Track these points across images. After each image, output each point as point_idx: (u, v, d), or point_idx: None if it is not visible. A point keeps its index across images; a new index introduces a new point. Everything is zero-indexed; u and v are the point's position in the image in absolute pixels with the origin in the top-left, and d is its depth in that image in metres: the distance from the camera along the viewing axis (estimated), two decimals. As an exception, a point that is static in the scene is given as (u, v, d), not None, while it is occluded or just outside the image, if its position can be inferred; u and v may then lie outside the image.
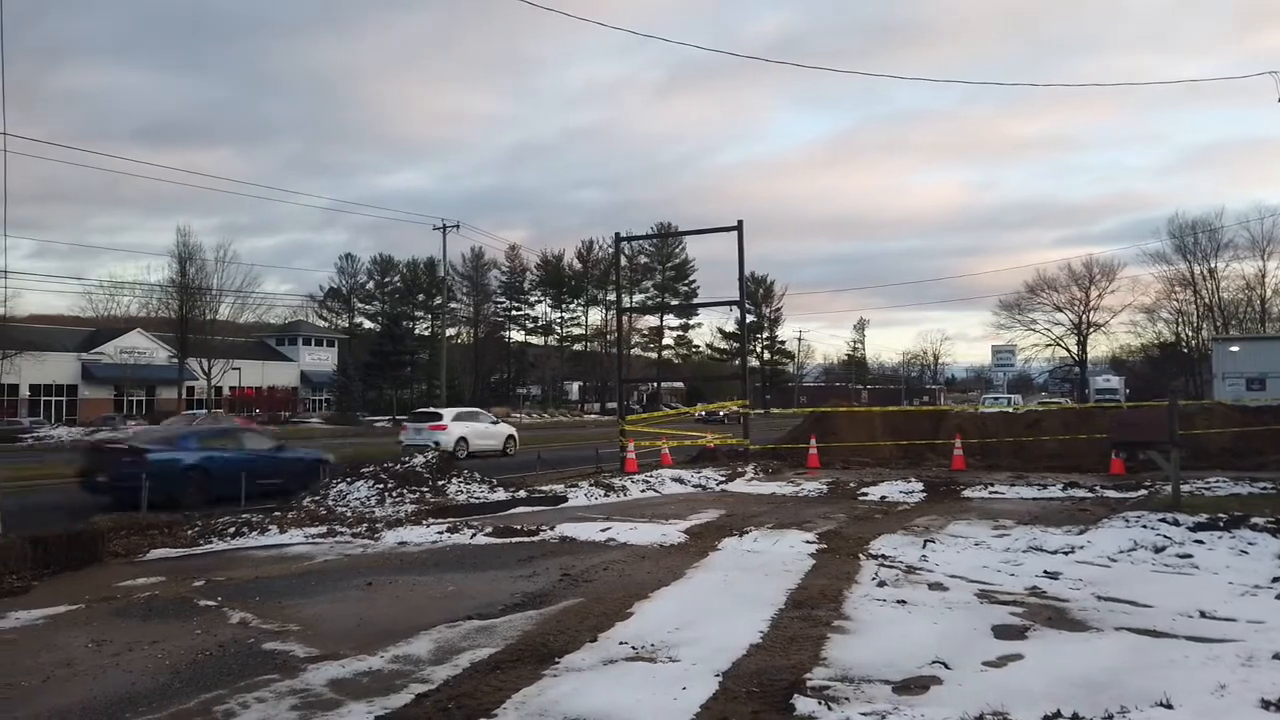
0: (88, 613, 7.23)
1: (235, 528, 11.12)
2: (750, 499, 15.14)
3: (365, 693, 5.13)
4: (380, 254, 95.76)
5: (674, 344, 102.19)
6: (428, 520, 12.01)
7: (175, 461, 14.42)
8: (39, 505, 13.71)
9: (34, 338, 50.56)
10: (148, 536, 10.59)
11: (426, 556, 9.74)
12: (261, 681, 5.34)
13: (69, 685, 5.38)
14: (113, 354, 59.22)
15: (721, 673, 5.38)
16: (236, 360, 60.14)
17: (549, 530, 11.28)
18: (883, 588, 7.74)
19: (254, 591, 7.93)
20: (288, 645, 6.16)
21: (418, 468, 14.81)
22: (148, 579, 8.57)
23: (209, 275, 56.83)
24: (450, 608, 7.23)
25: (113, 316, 65.51)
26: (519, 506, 13.90)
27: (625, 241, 31.52)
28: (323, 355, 76.74)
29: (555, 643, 6.09)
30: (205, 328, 56.27)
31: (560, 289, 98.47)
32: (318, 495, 13.82)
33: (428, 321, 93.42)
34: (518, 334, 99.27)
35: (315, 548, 10.34)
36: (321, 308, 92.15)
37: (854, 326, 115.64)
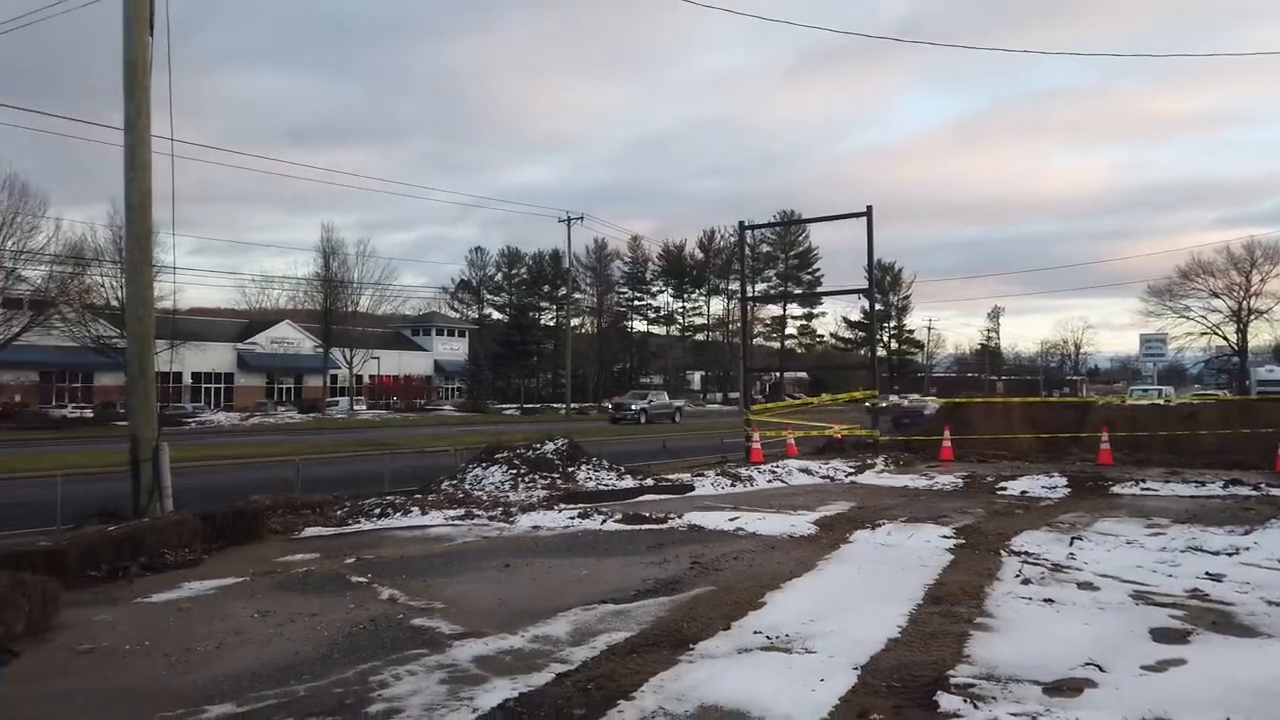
0: (252, 585, 7.75)
1: (380, 509, 11.68)
2: (881, 491, 14.80)
3: (508, 670, 5.31)
4: (508, 247, 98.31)
5: (797, 333, 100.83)
6: (559, 505, 12.30)
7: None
8: (206, 486, 14.76)
9: (195, 329, 54.38)
10: (301, 515, 11.26)
11: (559, 541, 9.97)
12: (412, 655, 5.61)
13: (239, 652, 5.79)
14: (264, 344, 63.05)
15: (860, 666, 5.30)
16: (375, 350, 63.02)
17: (677, 518, 11.35)
18: (1027, 585, 7.44)
19: (400, 570, 8.32)
20: (434, 622, 6.44)
21: (548, 454, 15.18)
22: (304, 555, 9.12)
23: (350, 269, 59.88)
24: (585, 591, 7.39)
25: (264, 309, 69.80)
26: (646, 494, 14.04)
27: (748, 230, 31.19)
28: (454, 345, 79.46)
29: (689, 629, 6.14)
30: (347, 319, 59.19)
31: (682, 279, 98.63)
32: (455, 479, 14.36)
33: (553, 312, 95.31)
34: (640, 324, 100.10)
35: (455, 529, 10.75)
36: (453, 299, 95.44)
37: (987, 315, 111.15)
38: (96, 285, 45.42)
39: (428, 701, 4.76)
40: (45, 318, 42.55)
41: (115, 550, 8.26)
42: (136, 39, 10.65)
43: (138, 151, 10.70)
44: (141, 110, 10.68)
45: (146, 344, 11.11)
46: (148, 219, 10.91)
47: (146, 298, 11.18)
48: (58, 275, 43.91)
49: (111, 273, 44.04)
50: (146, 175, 10.78)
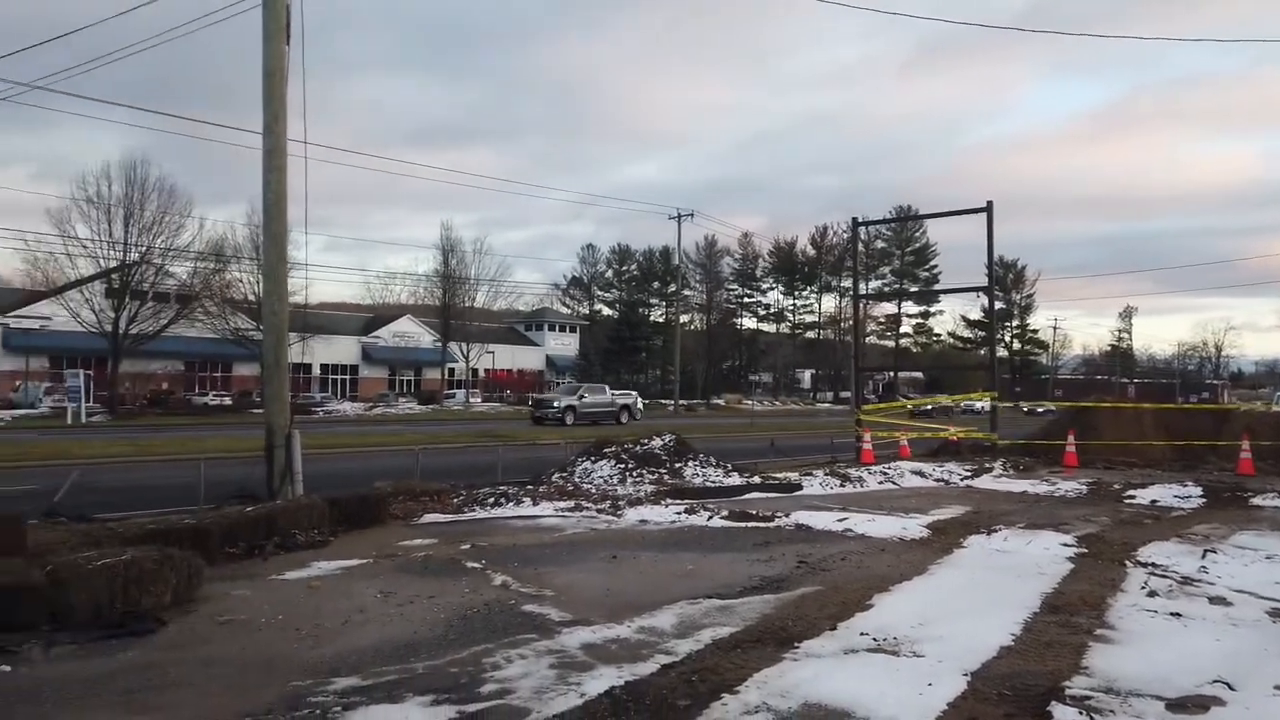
0: (375, 567, 8.15)
1: (494, 498, 12.06)
2: (999, 496, 14.33)
3: (614, 658, 5.43)
4: (619, 243, 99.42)
5: (912, 332, 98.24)
6: (666, 500, 12.42)
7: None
8: (332, 472, 15.54)
9: (323, 323, 57.09)
10: (420, 502, 11.74)
11: (666, 535, 10.08)
12: (523, 640, 5.81)
13: (363, 629, 6.12)
14: (387, 338, 65.69)
15: (970, 672, 5.19)
16: (490, 345, 64.75)
17: (784, 517, 11.30)
18: (1153, 598, 7.11)
19: (513, 557, 8.59)
20: (544, 609, 6.64)
21: (656, 450, 15.33)
22: (422, 540, 9.52)
23: (467, 266, 61.69)
24: (690, 586, 7.46)
25: (386, 304, 72.62)
26: (753, 492, 14.02)
27: (862, 226, 30.60)
28: (565, 340, 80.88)
29: (794, 628, 6.13)
30: (464, 314, 61.04)
31: (793, 276, 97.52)
32: (565, 471, 14.67)
33: (662, 309, 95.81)
34: (749, 321, 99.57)
35: (564, 520, 11.00)
36: (565, 295, 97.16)
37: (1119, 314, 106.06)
38: (236, 281, 48.31)
39: (537, 685, 4.92)
40: (190, 311, 45.49)
41: (252, 530, 8.82)
42: (274, 50, 11.30)
43: (274, 155, 11.36)
44: (278, 116, 11.33)
45: (281, 337, 11.79)
46: (283, 218, 11.56)
47: (281, 293, 11.86)
48: (201, 271, 46.91)
49: (249, 269, 46.76)
50: (282, 177, 11.43)
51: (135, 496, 12.87)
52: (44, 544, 7.46)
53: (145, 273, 43.40)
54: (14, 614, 5.78)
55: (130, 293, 42.57)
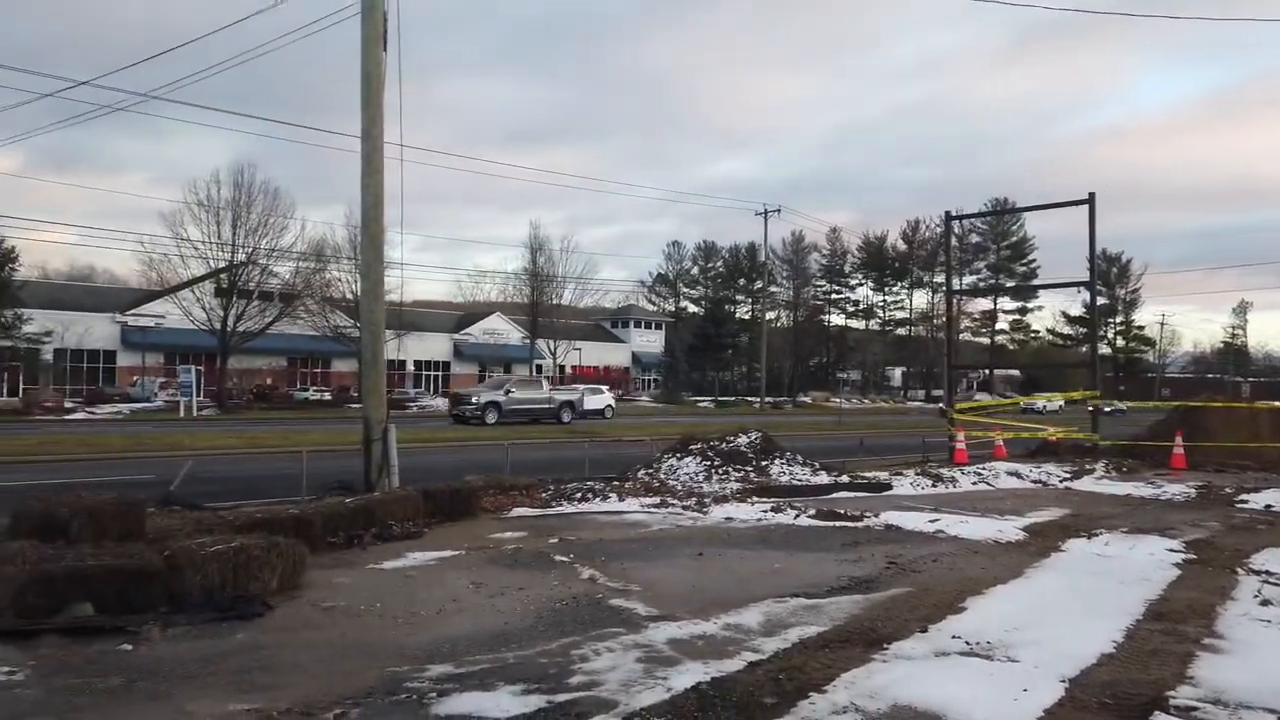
0: (467, 558, 8.37)
1: (581, 494, 12.23)
2: (1100, 499, 13.81)
3: (701, 654, 5.46)
4: (704, 240, 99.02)
5: (1009, 329, 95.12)
6: (752, 498, 12.38)
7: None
8: (426, 465, 15.99)
9: (417, 320, 58.58)
10: (510, 496, 11.98)
11: (752, 533, 10.06)
12: (610, 633, 5.89)
13: (456, 618, 6.30)
14: (477, 335, 67.05)
15: (1067, 679, 5.05)
16: (577, 341, 65.44)
17: (873, 517, 11.14)
18: (1267, 607, 6.76)
19: (599, 552, 8.70)
20: (630, 603, 6.71)
21: (742, 448, 15.28)
22: (512, 533, 9.72)
23: (555, 264, 62.46)
24: (777, 584, 7.44)
25: (476, 301, 74.07)
26: (841, 491, 13.85)
27: (955, 220, 29.83)
28: (651, 337, 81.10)
29: (884, 629, 6.06)
30: (551, 311, 61.84)
31: (883, 271, 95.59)
32: (651, 468, 14.76)
33: (748, 305, 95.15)
34: (838, 318, 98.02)
35: (650, 517, 11.08)
36: (650, 292, 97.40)
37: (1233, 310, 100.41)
38: (335, 280, 49.99)
39: (625, 678, 4.99)
40: (292, 309, 47.31)
41: (351, 520, 9.16)
42: (372, 56, 11.68)
43: (372, 158, 11.75)
44: (376, 120, 11.71)
45: (378, 334, 12.19)
46: (380, 219, 11.95)
47: (378, 292, 12.26)
48: (303, 271, 48.72)
49: (347, 268, 48.34)
50: (380, 180, 11.81)
51: (242, 486, 13.50)
52: (161, 530, 7.91)
53: (251, 273, 45.35)
54: (135, 595, 6.15)
55: (237, 292, 44.56)
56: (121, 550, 6.60)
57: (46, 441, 21.93)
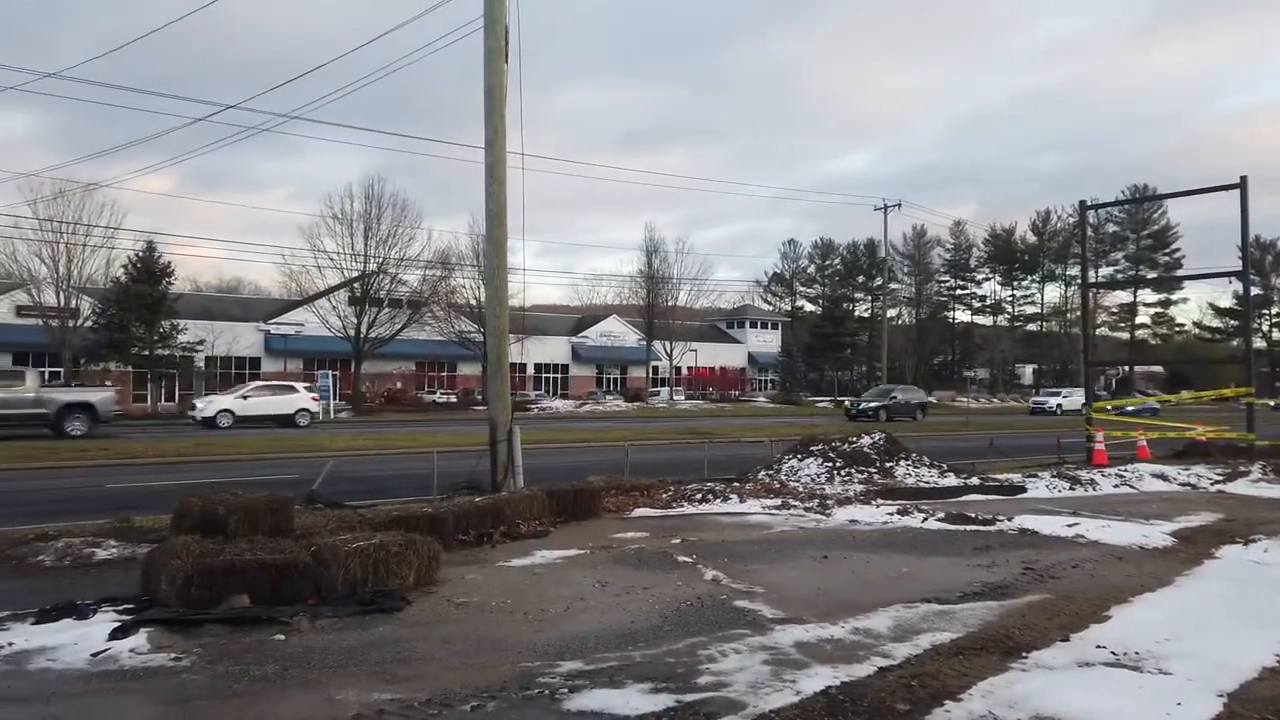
0: (592, 557, 8.51)
1: (701, 495, 12.25)
2: (1258, 503, 12.88)
3: (829, 658, 5.39)
4: (821, 238, 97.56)
5: (1150, 322, 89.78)
6: (876, 501, 12.12)
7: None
8: (548, 466, 16.35)
9: (537, 324, 59.98)
10: (631, 497, 12.11)
11: (877, 536, 9.85)
12: (735, 635, 5.88)
13: (583, 616, 6.42)
14: (594, 337, 68.05)
15: (1225, 694, 4.74)
16: (693, 343, 65.53)
17: (1006, 520, 10.72)
18: None
19: (722, 553, 8.70)
20: (755, 605, 6.69)
21: (865, 448, 14.97)
22: (635, 533, 9.83)
23: (670, 265, 62.76)
24: (905, 588, 7.26)
25: (593, 305, 75.29)
26: (971, 494, 13.39)
27: (1091, 209, 28.36)
28: (767, 337, 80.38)
29: (1021, 637, 5.83)
30: (667, 313, 62.15)
31: (1011, 265, 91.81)
32: (771, 469, 14.64)
33: (868, 303, 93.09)
34: (963, 314, 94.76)
35: (772, 518, 11.00)
36: (766, 292, 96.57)
37: None
38: (459, 286, 51.73)
39: (752, 680, 4.98)
40: (420, 316, 49.22)
41: (481, 519, 9.46)
42: (494, 69, 12.03)
43: (495, 168, 12.10)
44: (499, 131, 12.06)
45: (502, 338, 12.54)
46: (504, 227, 12.29)
47: (502, 297, 12.61)
48: (429, 279, 50.61)
49: (471, 275, 49.94)
50: (503, 188, 12.16)
51: (377, 485, 14.14)
52: (307, 527, 8.38)
53: (382, 281, 47.40)
54: (285, 588, 6.53)
55: (369, 300, 46.65)
56: (272, 545, 7.03)
57: (201, 443, 23.53)
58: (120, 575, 7.67)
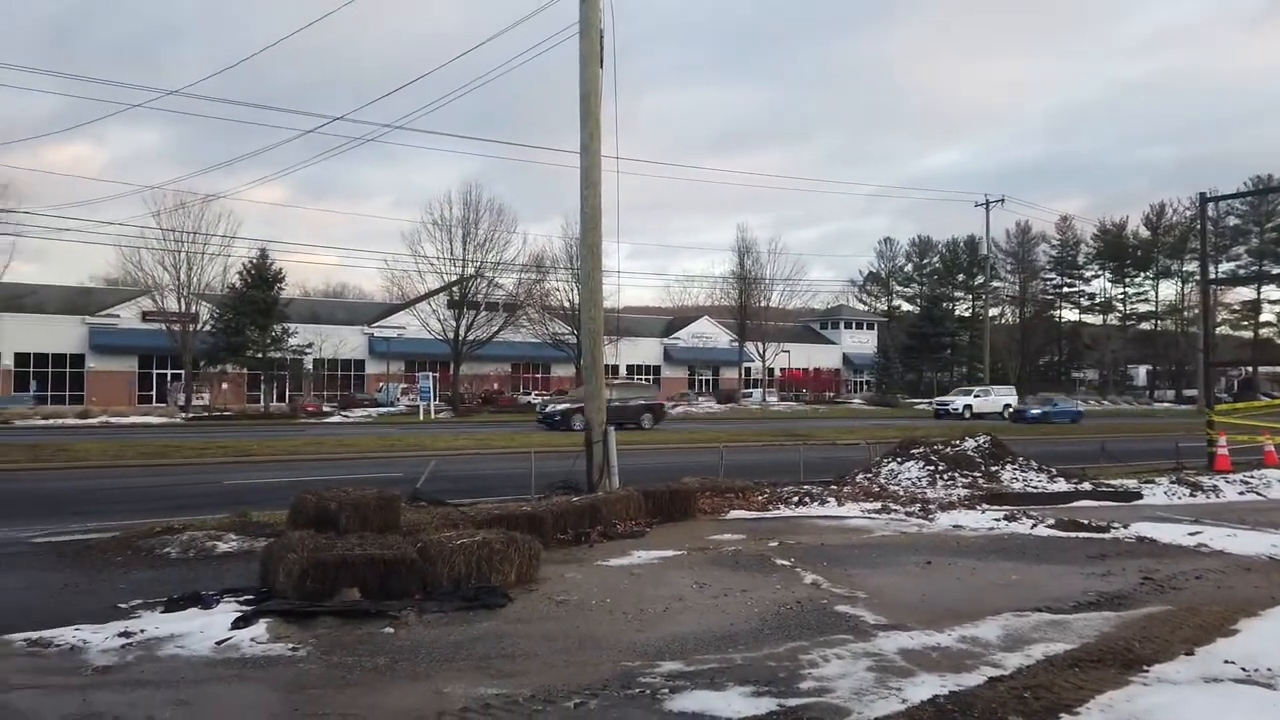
0: (689, 558, 8.51)
1: (798, 497, 12.10)
2: (1402, 514, 11.97)
3: (935, 666, 5.25)
4: (918, 236, 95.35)
5: (1276, 320, 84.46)
6: (981, 505, 11.76)
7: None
8: (641, 466, 16.40)
9: (629, 325, 60.26)
10: (726, 498, 12.06)
11: (984, 542, 9.55)
12: (837, 640, 5.79)
13: (683, 616, 6.42)
14: (686, 339, 68.00)
15: (1373, 718, 4.42)
16: (786, 344, 64.84)
17: (1121, 528, 10.26)
18: None
19: (821, 557, 8.57)
20: (857, 610, 6.57)
21: (969, 452, 14.55)
22: (731, 535, 9.78)
23: (762, 266, 62.22)
24: (1015, 597, 7.02)
25: (685, 306, 75.23)
26: (1082, 499, 12.87)
27: (1212, 201, 26.90)
28: (862, 338, 78.87)
29: (1141, 649, 5.56)
30: (759, 314, 61.64)
31: (1122, 261, 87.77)
32: (869, 472, 14.36)
33: (968, 302, 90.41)
34: (1070, 312, 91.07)
35: (872, 522, 10.79)
36: (861, 292, 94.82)
37: None
38: (554, 289, 52.43)
39: (856, 686, 4.89)
40: (515, 318, 50.11)
41: (578, 518, 9.57)
42: (589, 74, 12.16)
43: (590, 172, 12.22)
44: (594, 136, 12.18)
45: (597, 340, 12.65)
46: (598, 230, 12.40)
47: (597, 299, 12.73)
48: (524, 282, 51.46)
49: (565, 278, 50.57)
50: (597, 192, 12.27)
51: (477, 484, 14.46)
52: (412, 523, 8.63)
53: (479, 285, 48.44)
54: (393, 583, 6.73)
55: (467, 303, 47.74)
56: (381, 541, 7.26)
57: (311, 442, 24.50)
58: (240, 567, 8.05)
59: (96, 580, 7.66)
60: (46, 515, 11.47)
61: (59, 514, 11.63)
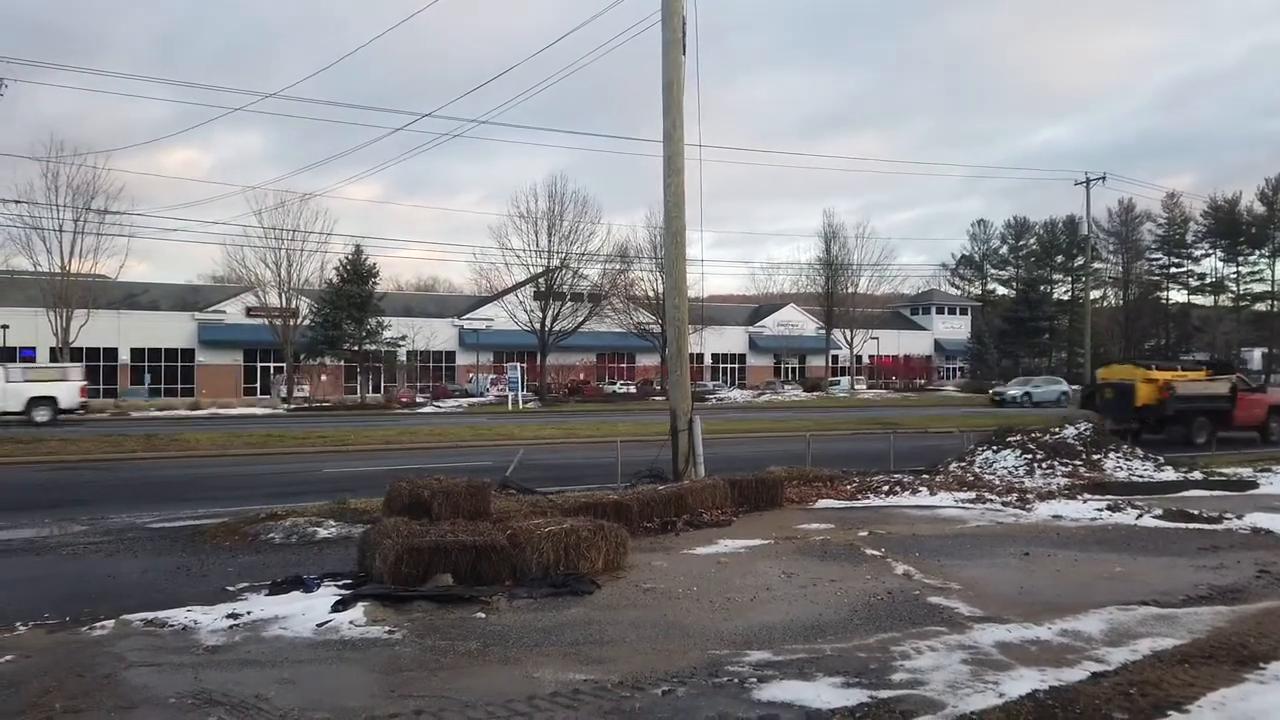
0: (776, 548, 8.44)
1: (888, 486, 11.87)
2: None
3: (1034, 660, 5.09)
4: (1015, 217, 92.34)
5: None
6: (1082, 495, 11.34)
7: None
8: (727, 455, 16.34)
9: (713, 314, 59.96)
10: (814, 487, 11.91)
11: (1085, 533, 9.19)
12: (930, 632, 5.66)
13: (770, 606, 6.37)
14: (771, 327, 67.37)
15: None
16: (874, 330, 63.55)
17: (1235, 519, 9.74)
18: None
19: (913, 547, 8.39)
20: (951, 602, 6.40)
21: (1069, 440, 14.03)
22: (819, 525, 9.66)
23: (850, 252, 61.11)
24: (1119, 589, 6.74)
25: (770, 294, 74.45)
26: (1192, 489, 12.27)
27: (1336, 172, 25.19)
28: (955, 323, 76.75)
29: (1257, 646, 5.27)
30: (847, 300, 60.58)
31: (1235, 239, 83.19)
32: (963, 461, 13.99)
33: (1067, 285, 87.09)
34: (1178, 294, 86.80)
35: (966, 512, 10.50)
36: (954, 276, 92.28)
37: None
38: (638, 279, 52.62)
39: (950, 679, 4.77)
40: (600, 309, 50.48)
41: (664, 507, 9.59)
42: (672, 61, 12.11)
43: (674, 160, 12.18)
44: (677, 123, 12.13)
45: (682, 329, 12.63)
46: (682, 218, 12.36)
47: (681, 289, 12.70)
48: (609, 272, 51.80)
49: (649, 268, 50.67)
50: (681, 180, 12.23)
51: (564, 472, 14.64)
52: (501, 511, 8.78)
53: (564, 276, 48.97)
54: (484, 568, 6.88)
55: (553, 294, 48.33)
56: (472, 528, 7.41)
57: (405, 432, 25.20)
58: (339, 552, 8.34)
59: (207, 564, 8.05)
60: (161, 502, 12.10)
61: (172, 501, 12.26)
